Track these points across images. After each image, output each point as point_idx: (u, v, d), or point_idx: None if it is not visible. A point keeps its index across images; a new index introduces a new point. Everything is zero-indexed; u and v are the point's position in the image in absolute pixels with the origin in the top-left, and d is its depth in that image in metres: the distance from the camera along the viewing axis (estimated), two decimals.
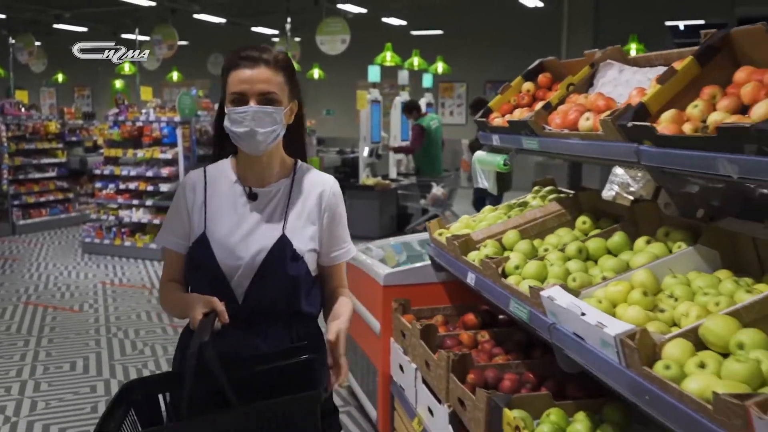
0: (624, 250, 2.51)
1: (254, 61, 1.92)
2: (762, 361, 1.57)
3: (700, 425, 1.49)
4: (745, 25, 2.14)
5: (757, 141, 1.64)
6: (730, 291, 1.96)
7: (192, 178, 2.08)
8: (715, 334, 1.72)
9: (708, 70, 2.19)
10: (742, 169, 1.72)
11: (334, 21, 12.58)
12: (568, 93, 2.86)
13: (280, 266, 1.98)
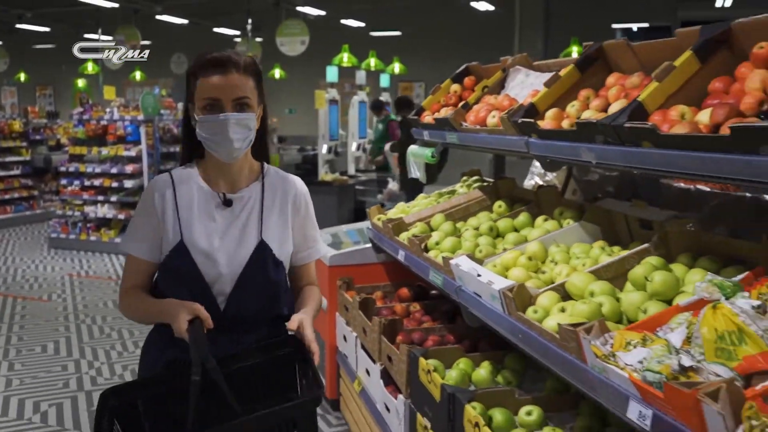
0: (526, 227, 2.95)
1: (225, 66, 1.87)
2: (603, 303, 2.01)
3: (552, 351, 1.92)
4: (615, 39, 2.59)
5: (603, 133, 2.08)
6: (596, 256, 2.41)
7: (159, 185, 1.98)
8: (575, 286, 2.16)
9: (586, 76, 2.64)
10: (597, 156, 2.17)
11: (294, 23, 12.92)
12: (483, 94, 3.30)
13: (261, 272, 1.96)
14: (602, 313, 1.98)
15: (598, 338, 1.76)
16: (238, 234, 1.97)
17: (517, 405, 2.35)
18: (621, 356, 1.67)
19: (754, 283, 1.79)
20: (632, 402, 1.57)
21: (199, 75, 1.89)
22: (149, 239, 1.96)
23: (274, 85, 17.29)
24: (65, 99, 22.86)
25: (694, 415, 1.38)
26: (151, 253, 1.96)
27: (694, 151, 1.72)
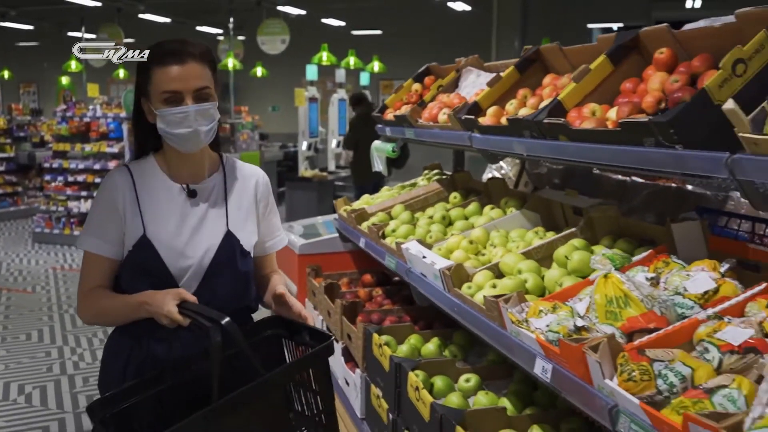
0: (474, 215, 3.19)
1: (181, 56, 1.80)
2: (527, 279, 2.26)
3: (480, 320, 2.17)
4: (550, 44, 2.84)
5: (528, 128, 2.33)
6: (530, 239, 2.65)
7: (116, 179, 1.89)
8: (507, 265, 2.40)
9: (525, 77, 2.88)
10: (526, 149, 2.41)
11: (274, 22, 13.12)
12: (438, 93, 3.54)
13: (230, 263, 1.90)
14: (526, 287, 2.23)
15: (515, 307, 2.01)
16: (204, 225, 1.91)
17: (458, 374, 2.59)
18: (533, 322, 1.91)
19: (653, 259, 2.04)
20: (538, 359, 1.82)
21: (154, 66, 1.81)
22: (110, 236, 1.86)
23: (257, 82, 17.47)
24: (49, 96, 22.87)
25: (581, 365, 1.63)
26: (113, 249, 1.87)
27: (598, 144, 1.97)
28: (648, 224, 2.34)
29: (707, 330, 1.59)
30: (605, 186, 3.37)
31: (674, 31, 2.14)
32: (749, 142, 1.44)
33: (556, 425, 2.18)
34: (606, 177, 3.43)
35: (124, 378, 1.87)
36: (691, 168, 1.62)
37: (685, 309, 1.72)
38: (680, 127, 1.63)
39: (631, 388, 1.49)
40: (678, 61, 2.09)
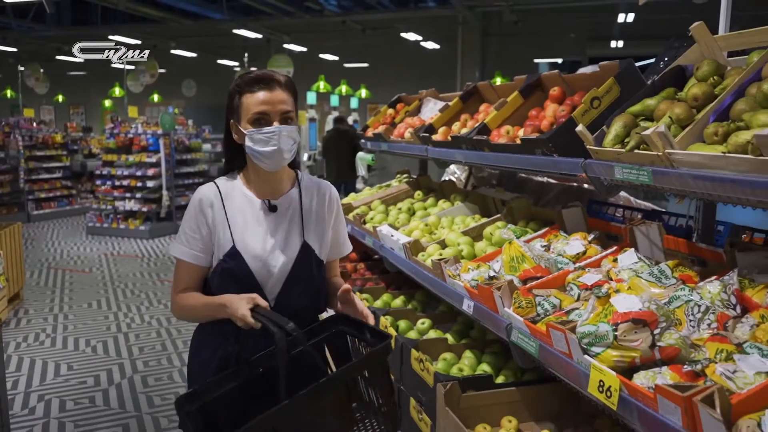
0: (431, 207, 3.58)
1: (270, 83, 1.74)
2: (463, 249, 2.65)
3: (429, 278, 2.55)
4: (483, 81, 3.23)
5: (465, 143, 2.72)
6: (468, 223, 3.04)
7: (207, 195, 1.79)
8: (450, 240, 2.79)
9: (467, 105, 3.27)
10: (464, 158, 2.80)
11: (281, 57, 13.46)
12: (405, 116, 3.92)
13: (306, 272, 1.81)
14: (462, 254, 2.62)
15: (452, 267, 2.40)
16: (284, 237, 1.81)
17: (416, 319, 2.98)
18: (463, 275, 2.30)
19: (548, 233, 2.44)
20: (465, 299, 2.21)
21: (245, 91, 1.75)
22: (198, 246, 1.78)
23: None
24: (94, 116, 23.03)
25: (490, 301, 2.02)
26: (200, 258, 1.79)
27: (508, 153, 2.37)
28: (550, 211, 2.74)
29: (573, 276, 1.98)
30: (528, 185, 3.77)
31: (563, 75, 2.54)
32: (593, 152, 1.85)
33: (482, 350, 2.58)
34: (529, 179, 3.84)
35: (207, 371, 1.79)
36: (562, 169, 2.02)
37: (562, 264, 2.12)
38: (555, 142, 2.03)
39: (520, 312, 1.88)
40: (565, 96, 2.49)
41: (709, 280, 1.65)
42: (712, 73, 1.71)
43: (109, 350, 4.73)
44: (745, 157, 1.32)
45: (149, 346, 4.83)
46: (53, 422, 3.55)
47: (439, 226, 3.16)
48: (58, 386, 4.07)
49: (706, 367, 1.35)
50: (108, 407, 3.75)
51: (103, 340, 4.95)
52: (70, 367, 4.39)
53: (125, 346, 4.80)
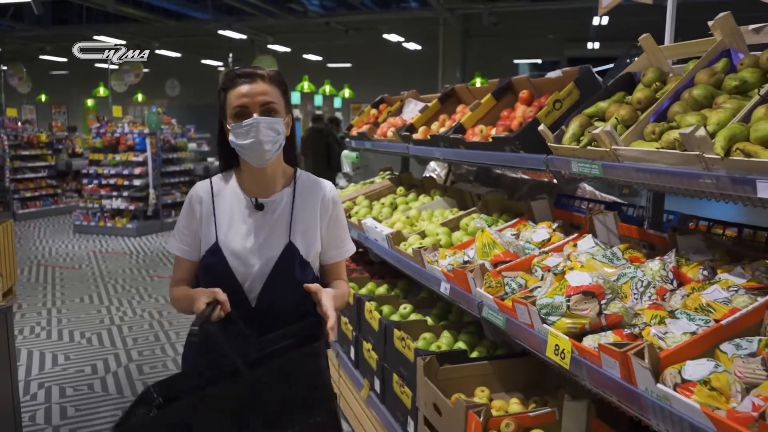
0: (412, 201, 3.80)
1: (251, 77, 1.73)
2: (441, 238, 2.88)
3: (410, 264, 2.77)
4: (463, 84, 3.46)
5: (443, 141, 2.95)
6: (446, 215, 3.27)
7: (199, 191, 1.84)
8: (429, 231, 3.01)
9: (445, 106, 3.50)
10: (442, 155, 3.03)
11: (265, 58, 13.60)
12: (388, 116, 4.14)
13: (289, 272, 1.77)
14: (440, 243, 2.85)
15: (431, 254, 2.63)
16: (268, 236, 1.79)
17: (399, 304, 3.20)
18: (440, 261, 2.53)
19: (518, 223, 2.68)
20: (442, 282, 2.44)
21: (229, 87, 1.75)
22: (189, 241, 1.82)
23: None
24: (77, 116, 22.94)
25: (464, 283, 2.25)
26: (189, 253, 1.82)
27: (481, 150, 2.60)
28: (521, 203, 2.98)
29: (538, 260, 2.22)
30: (503, 181, 4.01)
31: (532, 80, 2.78)
32: (554, 149, 2.08)
33: (458, 330, 2.81)
34: (504, 175, 4.08)
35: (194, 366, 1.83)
36: (527, 164, 2.26)
37: (529, 250, 2.35)
38: (522, 140, 2.26)
39: (491, 291, 2.11)
40: (533, 99, 2.73)
41: (652, 260, 1.90)
42: (655, 80, 1.95)
43: (103, 341, 4.90)
44: (673, 152, 1.56)
45: (143, 337, 5.00)
46: (55, 407, 3.72)
47: (420, 219, 3.39)
48: (57, 375, 4.23)
49: (642, 330, 1.59)
50: (107, 393, 3.93)
51: (97, 332, 5.11)
52: (67, 357, 4.55)
53: (119, 338, 4.97)
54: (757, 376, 1.32)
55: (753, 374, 1.33)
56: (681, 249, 1.96)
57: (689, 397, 1.30)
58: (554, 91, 2.38)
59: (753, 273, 1.67)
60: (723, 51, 1.84)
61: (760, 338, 1.41)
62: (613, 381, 1.49)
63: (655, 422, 1.39)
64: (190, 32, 16.09)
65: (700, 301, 1.62)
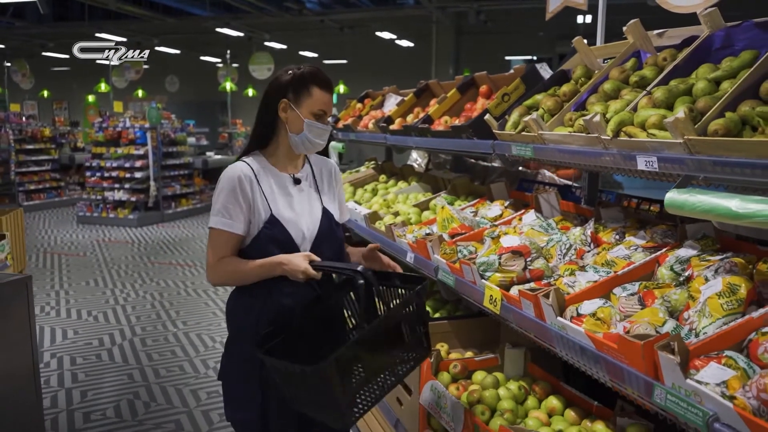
0: (392, 186, 4.15)
1: (331, 88, 2.01)
2: (411, 217, 3.22)
3: (383, 240, 3.11)
4: (434, 80, 3.80)
5: (414, 131, 3.28)
6: (420, 198, 3.62)
7: (245, 173, 1.97)
8: (403, 211, 3.36)
9: (420, 100, 3.84)
10: (415, 143, 3.36)
11: (262, 55, 13.93)
12: (370, 109, 4.48)
13: (330, 232, 2.05)
14: (411, 221, 3.20)
15: (400, 229, 2.97)
16: (308, 204, 2.05)
17: None
18: (407, 236, 2.87)
19: (477, 203, 3.02)
20: (408, 252, 2.78)
21: (315, 86, 1.96)
22: (238, 216, 1.95)
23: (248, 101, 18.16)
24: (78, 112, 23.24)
25: (424, 251, 2.59)
26: (240, 227, 1.95)
27: (443, 138, 2.94)
28: (483, 186, 3.32)
29: (488, 231, 2.56)
30: (476, 168, 4.35)
31: (490, 76, 3.12)
32: (498, 135, 2.42)
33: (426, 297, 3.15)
34: (477, 164, 4.42)
35: (257, 328, 1.94)
36: (480, 149, 2.60)
37: (483, 224, 2.70)
38: (474, 129, 2.60)
39: (445, 257, 2.45)
40: (492, 92, 3.07)
41: (575, 227, 2.24)
42: (582, 76, 2.30)
43: (109, 319, 5.24)
44: (580, 135, 1.91)
45: (145, 315, 5.34)
46: (66, 373, 4.07)
47: (396, 202, 3.73)
48: (67, 347, 4.57)
49: (556, 280, 1.94)
50: (113, 362, 4.27)
51: (103, 311, 5.46)
52: (75, 332, 4.89)
53: (123, 315, 5.31)
54: (633, 309, 1.67)
55: (631, 308, 1.68)
56: (603, 219, 2.31)
57: (579, 325, 1.65)
58: (506, 86, 2.72)
59: (651, 236, 2.01)
60: (634, 52, 2.18)
61: (641, 282, 1.76)
62: (530, 320, 1.84)
63: (558, 349, 1.74)
64: (188, 29, 16.39)
65: (606, 258, 1.97)
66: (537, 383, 2.18)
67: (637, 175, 1.81)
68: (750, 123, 1.48)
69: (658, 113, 1.69)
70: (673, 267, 1.77)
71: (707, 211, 1.42)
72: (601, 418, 1.92)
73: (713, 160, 1.46)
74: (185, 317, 5.32)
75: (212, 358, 4.38)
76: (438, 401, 2.21)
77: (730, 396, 1.22)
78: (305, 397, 1.76)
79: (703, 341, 1.39)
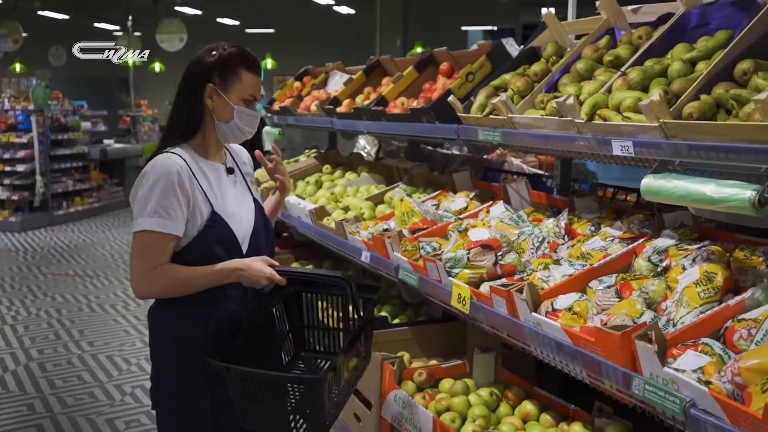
0: (339, 179, 4.31)
1: (259, 69, 2.09)
2: (365, 212, 3.39)
3: (333, 238, 3.27)
4: (387, 56, 3.99)
5: (365, 114, 3.46)
6: (372, 191, 3.79)
7: (180, 167, 2.00)
8: (354, 205, 3.53)
9: (370, 78, 4.01)
10: (366, 128, 3.54)
11: (172, 21, 13.80)
12: (312, 89, 4.63)
13: (264, 225, 2.20)
14: (364, 217, 3.37)
15: (353, 225, 3.14)
16: (243, 196, 2.18)
17: None
18: (362, 232, 3.04)
19: (440, 195, 3.22)
20: (363, 251, 2.95)
21: (244, 68, 2.04)
22: (176, 215, 1.97)
23: (154, 77, 17.92)
24: None
25: (382, 248, 2.77)
26: (178, 228, 1.99)
27: (401, 122, 3.13)
28: (444, 176, 3.53)
29: (453, 225, 2.76)
30: (434, 157, 4.57)
31: (451, 52, 3.33)
32: (463, 118, 2.63)
33: (382, 303, 3.33)
34: (436, 152, 4.65)
35: (206, 336, 2.02)
36: (442, 134, 2.80)
37: (446, 218, 2.90)
38: (436, 111, 2.80)
39: (406, 255, 2.63)
40: (454, 71, 3.29)
41: (548, 219, 2.47)
42: (553, 54, 2.52)
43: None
44: (553, 118, 2.13)
45: (41, 335, 5.32)
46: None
47: (345, 195, 3.90)
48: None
49: (529, 275, 2.15)
50: (7, 391, 4.27)
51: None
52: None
53: (14, 337, 5.27)
54: (611, 302, 1.89)
55: (608, 301, 1.90)
56: (577, 209, 2.54)
57: (555, 320, 1.86)
58: (470, 64, 2.93)
59: (628, 226, 2.25)
60: (608, 29, 2.43)
61: (618, 274, 1.99)
62: (503, 317, 2.04)
63: (533, 347, 1.95)
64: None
65: (581, 250, 2.20)
66: (509, 389, 2.39)
67: (613, 161, 2.04)
68: (724, 106, 1.72)
69: (634, 95, 1.92)
70: (651, 258, 2.01)
71: (683, 196, 1.65)
72: (579, 420, 2.14)
73: (689, 144, 1.69)
74: (91, 337, 5.33)
75: (128, 382, 4.43)
76: (402, 412, 2.39)
77: (705, 381, 1.45)
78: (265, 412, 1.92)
79: (680, 330, 1.62)
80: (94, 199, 11.66)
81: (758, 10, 1.85)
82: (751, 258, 1.81)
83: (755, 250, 1.84)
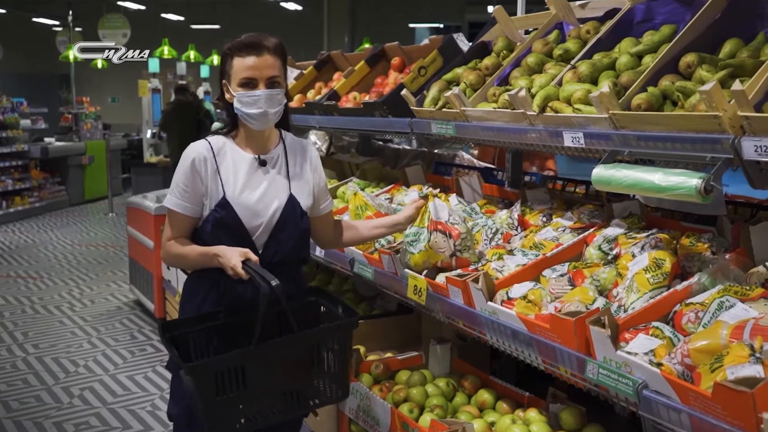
0: None
1: (258, 48, 2.08)
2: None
3: None
4: (337, 50, 3.98)
5: (318, 109, 3.45)
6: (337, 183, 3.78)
7: (200, 151, 2.14)
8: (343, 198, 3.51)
9: (321, 74, 4.00)
10: (317, 122, 3.53)
11: (114, 17, 13.52)
12: None
13: (292, 221, 2.20)
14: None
15: None
16: (272, 189, 2.19)
17: None
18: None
19: (393, 189, 3.24)
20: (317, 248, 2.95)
21: (236, 55, 2.11)
22: (191, 198, 2.12)
23: (96, 74, 17.50)
24: None
25: None
26: (191, 209, 2.13)
27: (353, 117, 3.13)
28: (397, 171, 3.54)
29: None
30: (386, 152, 4.58)
31: (403, 47, 3.35)
32: (416, 112, 2.65)
33: None
34: (387, 147, 4.66)
35: (198, 313, 2.18)
36: (395, 128, 2.82)
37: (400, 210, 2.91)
38: (389, 105, 2.81)
39: (361, 248, 2.64)
40: (405, 66, 3.30)
41: (501, 210, 2.51)
42: (504, 48, 2.56)
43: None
44: (505, 111, 2.16)
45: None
46: None
47: None
48: None
49: (484, 265, 2.19)
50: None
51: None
52: None
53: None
54: (564, 290, 1.94)
55: (562, 289, 1.95)
56: (529, 201, 2.59)
57: (510, 309, 1.90)
58: (422, 58, 2.95)
59: (579, 216, 2.31)
60: (557, 23, 2.48)
61: (570, 263, 2.04)
62: (459, 307, 2.07)
63: (489, 336, 1.98)
64: None
65: (534, 240, 2.24)
66: (465, 379, 2.43)
67: (564, 152, 2.09)
68: (670, 98, 1.78)
69: (584, 88, 1.96)
70: (601, 247, 2.06)
71: (632, 185, 1.70)
72: (534, 407, 2.18)
73: (637, 135, 1.74)
74: (36, 339, 5.18)
75: (76, 384, 4.33)
76: (360, 404, 2.40)
77: (657, 363, 1.49)
78: None
79: (632, 315, 1.67)
80: (35, 199, 11.32)
81: (701, 6, 1.91)
82: (697, 245, 1.88)
83: (700, 237, 1.91)
